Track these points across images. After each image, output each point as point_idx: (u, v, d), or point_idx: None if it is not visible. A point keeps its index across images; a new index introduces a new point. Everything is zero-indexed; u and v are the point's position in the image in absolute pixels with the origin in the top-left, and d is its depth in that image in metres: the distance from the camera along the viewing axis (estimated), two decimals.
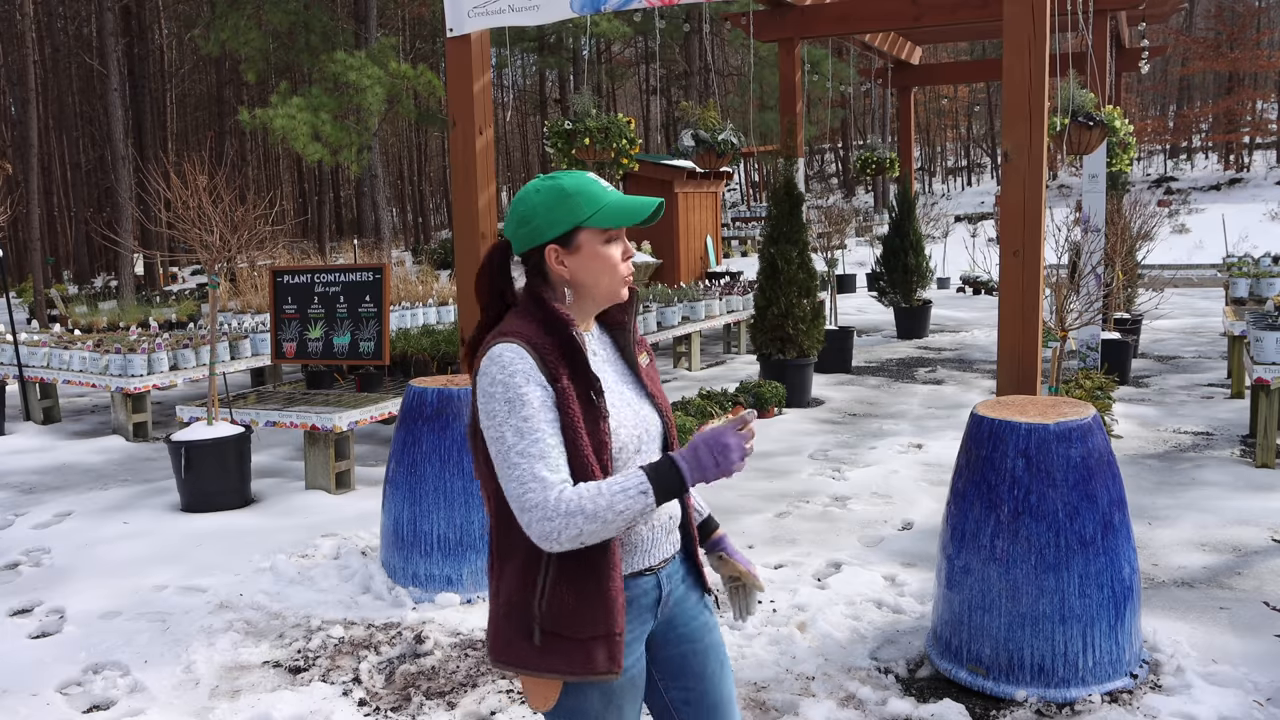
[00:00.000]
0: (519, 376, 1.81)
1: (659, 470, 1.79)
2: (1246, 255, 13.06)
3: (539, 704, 1.93)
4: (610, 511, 1.74)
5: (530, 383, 1.81)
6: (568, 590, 1.84)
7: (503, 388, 1.81)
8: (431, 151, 48.57)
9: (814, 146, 47.32)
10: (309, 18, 22.27)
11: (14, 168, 20.71)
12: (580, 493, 1.76)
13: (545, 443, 1.79)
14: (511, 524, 1.88)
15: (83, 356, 8.56)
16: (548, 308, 1.89)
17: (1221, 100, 40.87)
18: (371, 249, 23.26)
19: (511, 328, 1.89)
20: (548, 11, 4.68)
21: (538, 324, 1.89)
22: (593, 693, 1.90)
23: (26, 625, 4.47)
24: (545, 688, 1.90)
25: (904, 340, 12.61)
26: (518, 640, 1.88)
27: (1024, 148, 4.01)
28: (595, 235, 1.93)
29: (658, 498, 1.77)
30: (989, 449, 3.52)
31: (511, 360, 1.82)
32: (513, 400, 1.80)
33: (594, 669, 1.85)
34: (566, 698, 1.90)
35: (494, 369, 1.83)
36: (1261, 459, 6.34)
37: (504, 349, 1.84)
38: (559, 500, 1.74)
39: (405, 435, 4.66)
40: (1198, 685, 3.51)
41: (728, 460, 1.79)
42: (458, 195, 5.06)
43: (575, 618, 1.84)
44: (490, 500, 1.94)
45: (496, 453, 1.81)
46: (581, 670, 1.85)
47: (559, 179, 1.95)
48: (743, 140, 8.99)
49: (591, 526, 1.74)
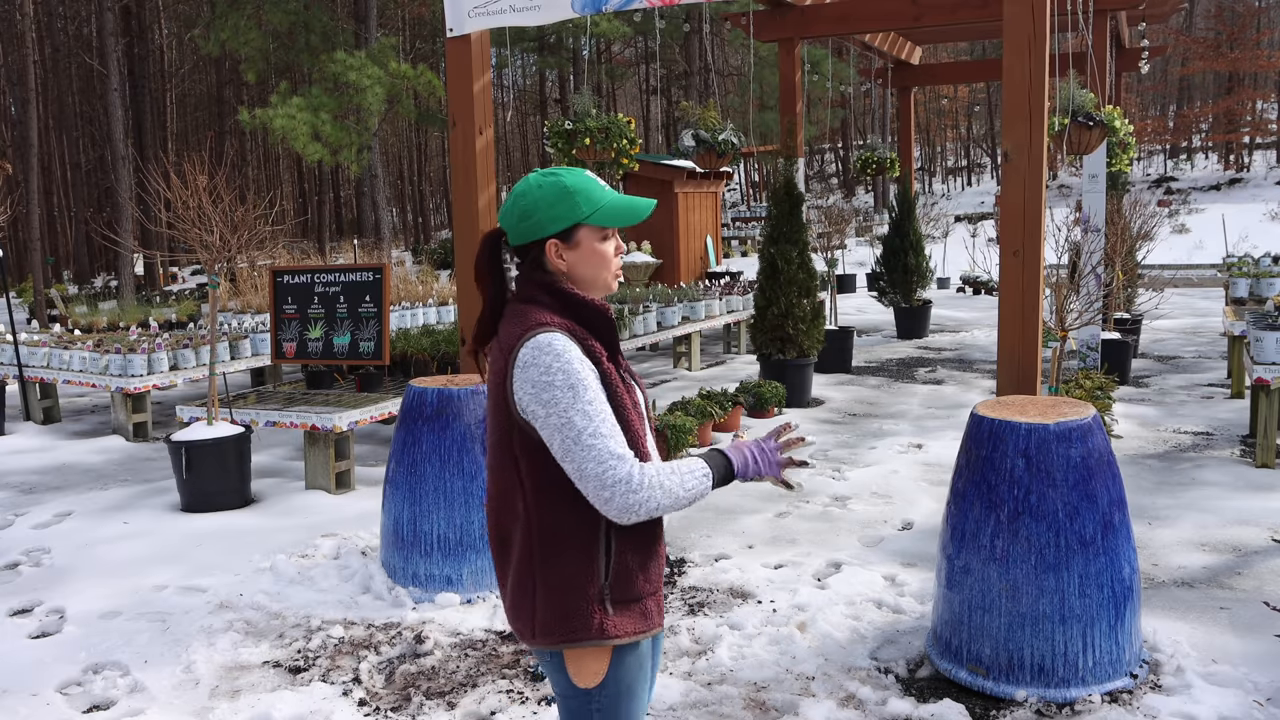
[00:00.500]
0: (576, 363, 1.88)
1: (713, 460, 1.97)
2: (1246, 255, 13.06)
3: (589, 679, 1.99)
4: (682, 488, 1.89)
5: (585, 367, 1.90)
6: (633, 557, 1.97)
7: (563, 375, 1.87)
8: (431, 151, 48.57)
9: (814, 146, 47.32)
10: (309, 18, 22.27)
11: (14, 168, 20.71)
12: (657, 469, 1.88)
13: (611, 422, 1.88)
14: (560, 505, 1.93)
15: (83, 356, 8.56)
16: (579, 298, 1.99)
17: (1221, 100, 40.86)
18: (371, 249, 23.27)
19: (544, 318, 1.94)
20: (548, 12, 4.68)
21: (568, 313, 1.97)
22: (632, 659, 2.01)
23: (26, 625, 4.47)
24: (598, 661, 1.98)
25: (904, 340, 12.61)
26: (582, 613, 1.94)
27: (1024, 148, 4.01)
28: (593, 232, 2.01)
29: (714, 483, 1.95)
30: (989, 449, 3.52)
31: (565, 348, 1.89)
32: (575, 386, 1.87)
33: (651, 624, 2.01)
34: (614, 667, 1.99)
35: (546, 358, 1.88)
36: (1261, 459, 6.34)
37: (552, 338, 1.89)
38: (642, 474, 1.86)
39: (405, 435, 4.66)
40: (1198, 685, 3.51)
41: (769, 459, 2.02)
42: (458, 195, 5.06)
43: (639, 581, 1.98)
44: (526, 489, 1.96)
45: (565, 438, 1.86)
46: (644, 627, 2.00)
47: (559, 175, 2.00)
48: (743, 140, 8.99)
49: (667, 500, 1.88)
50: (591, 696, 2.00)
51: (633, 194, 17.22)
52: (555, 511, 1.94)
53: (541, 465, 1.93)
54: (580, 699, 2.01)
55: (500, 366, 1.96)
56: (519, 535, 1.98)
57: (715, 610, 4.36)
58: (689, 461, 1.94)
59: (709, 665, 3.83)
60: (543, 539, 1.95)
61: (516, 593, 2.00)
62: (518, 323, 1.95)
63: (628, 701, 2.03)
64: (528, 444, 1.93)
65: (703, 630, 4.11)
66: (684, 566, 4.94)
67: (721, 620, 4.21)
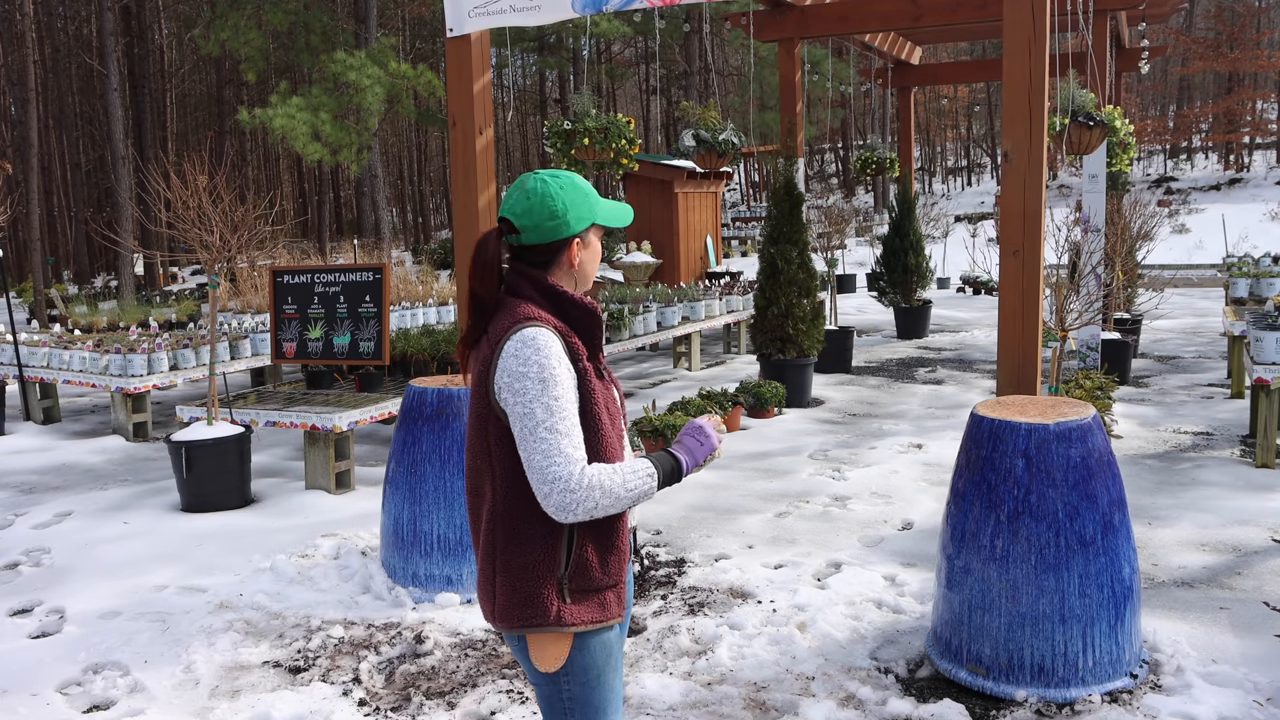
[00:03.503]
0: (553, 358, 1.95)
1: (660, 459, 2.04)
2: (1246, 255, 13.06)
3: (550, 664, 2.05)
4: (624, 488, 1.95)
5: (561, 365, 1.96)
6: (593, 548, 2.02)
7: (537, 367, 1.94)
8: (431, 151, 48.56)
9: (814, 146, 47.33)
10: (309, 18, 22.27)
11: (14, 168, 20.72)
12: (599, 470, 1.94)
13: (571, 421, 1.94)
14: (527, 494, 2.00)
15: (83, 356, 8.56)
16: (568, 296, 2.07)
17: (1221, 100, 40.85)
18: (371, 249, 23.26)
19: (533, 313, 2.02)
20: (549, 12, 4.68)
21: (557, 311, 2.05)
22: (596, 645, 2.06)
23: (26, 625, 4.47)
24: (557, 647, 2.03)
25: (904, 340, 12.61)
26: (540, 600, 2.01)
27: (1024, 148, 4.01)
28: (598, 231, 2.16)
29: (660, 481, 2.01)
30: (989, 449, 3.52)
31: (547, 343, 1.96)
32: (546, 379, 1.94)
33: (609, 615, 2.05)
34: (576, 653, 2.04)
35: (527, 350, 1.95)
36: (1261, 459, 6.34)
37: (537, 332, 1.97)
38: (582, 476, 1.91)
39: (405, 435, 4.67)
40: (1198, 685, 3.51)
41: (708, 440, 2.11)
42: (458, 195, 5.06)
43: (598, 571, 2.03)
44: (495, 474, 2.04)
45: (524, 427, 1.94)
46: (602, 617, 2.04)
47: (568, 177, 2.10)
48: (743, 140, 8.99)
49: (606, 501, 1.93)
50: (560, 684, 2.07)
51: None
52: (522, 499, 2.01)
53: (511, 453, 2.01)
54: (549, 685, 2.08)
55: (486, 355, 2.03)
56: (485, 519, 2.06)
57: (715, 610, 4.36)
58: (635, 462, 2.00)
59: (709, 665, 3.83)
60: (507, 525, 2.03)
61: (482, 575, 2.09)
62: (508, 316, 2.03)
63: (599, 690, 2.09)
64: (501, 431, 2.01)
65: (703, 630, 4.11)
66: (684, 566, 4.94)
67: (721, 620, 4.21)
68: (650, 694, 3.60)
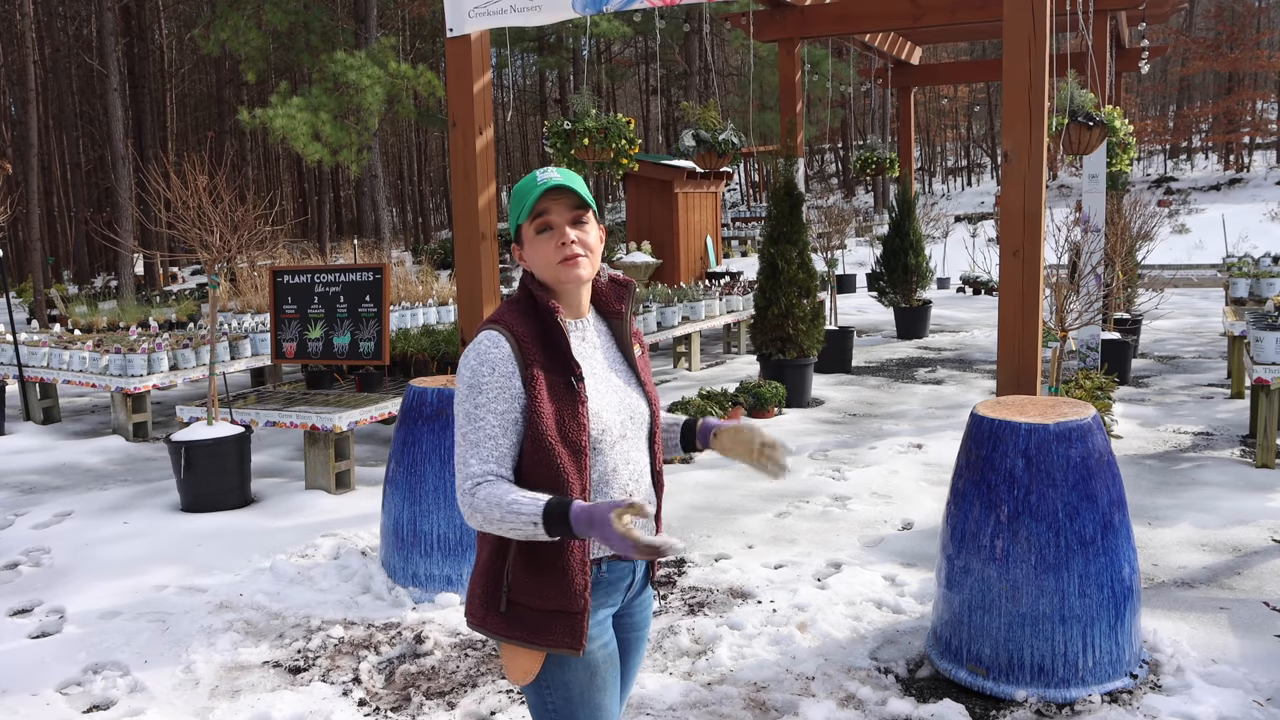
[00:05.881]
0: (486, 365, 1.93)
1: (556, 510, 1.83)
2: (1246, 255, 13.07)
3: (517, 676, 2.03)
4: (501, 524, 1.87)
5: (495, 373, 1.93)
6: (526, 564, 1.97)
7: (470, 372, 1.95)
8: (431, 151, 48.55)
9: (814, 146, 47.31)
10: (309, 18, 22.26)
11: (14, 168, 20.71)
12: (490, 495, 1.88)
13: (484, 432, 1.92)
14: None
15: (83, 356, 8.56)
16: (533, 296, 2.03)
17: (1221, 100, 40.84)
18: (371, 249, 23.25)
19: (497, 314, 2.02)
20: (549, 12, 4.68)
21: (522, 311, 2.01)
22: (577, 666, 2.01)
23: (26, 625, 4.47)
24: (524, 660, 2.01)
25: (904, 340, 12.61)
26: (490, 606, 2.01)
27: (1024, 148, 4.01)
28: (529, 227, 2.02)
29: (547, 530, 1.84)
30: (989, 449, 3.52)
31: (487, 349, 1.95)
32: (473, 386, 1.94)
33: (555, 643, 1.97)
34: (551, 670, 2.01)
35: (469, 354, 1.97)
36: (1261, 459, 6.34)
37: (484, 335, 1.97)
38: (472, 491, 1.90)
39: (405, 435, 4.67)
40: (1198, 685, 3.51)
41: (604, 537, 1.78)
42: (458, 195, 5.06)
43: (534, 591, 1.97)
44: None
45: (455, 429, 1.98)
46: (543, 642, 1.97)
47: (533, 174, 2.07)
48: (743, 140, 8.99)
49: (489, 526, 1.89)
50: (543, 696, 2.05)
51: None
52: None
53: None
54: (534, 694, 2.06)
55: None
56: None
57: (715, 610, 4.36)
58: (532, 501, 1.84)
59: (709, 665, 3.83)
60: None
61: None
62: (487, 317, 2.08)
63: (583, 709, 2.03)
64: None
65: (703, 630, 4.11)
66: (684, 566, 4.94)
67: (721, 620, 4.21)
68: (650, 694, 3.60)
